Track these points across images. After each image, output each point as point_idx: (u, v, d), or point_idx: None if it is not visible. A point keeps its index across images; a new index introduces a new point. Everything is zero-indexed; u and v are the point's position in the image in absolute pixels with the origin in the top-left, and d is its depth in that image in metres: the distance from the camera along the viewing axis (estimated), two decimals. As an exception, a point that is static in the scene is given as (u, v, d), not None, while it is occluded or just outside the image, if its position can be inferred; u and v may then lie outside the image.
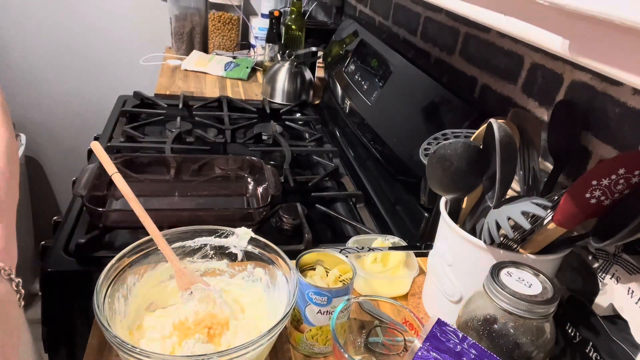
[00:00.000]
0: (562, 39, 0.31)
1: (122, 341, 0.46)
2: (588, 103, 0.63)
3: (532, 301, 0.45)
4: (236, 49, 1.85)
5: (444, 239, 0.63)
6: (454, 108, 0.81)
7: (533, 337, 0.47)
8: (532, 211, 0.51)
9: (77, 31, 1.88)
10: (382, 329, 0.57)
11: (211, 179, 0.94)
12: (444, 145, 0.56)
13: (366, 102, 1.07)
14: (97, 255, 0.71)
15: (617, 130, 0.59)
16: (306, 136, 1.28)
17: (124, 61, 1.95)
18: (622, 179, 0.45)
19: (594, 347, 0.52)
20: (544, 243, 0.54)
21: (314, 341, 0.60)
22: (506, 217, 0.52)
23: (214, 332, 0.56)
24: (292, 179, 0.97)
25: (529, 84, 0.76)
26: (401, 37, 1.23)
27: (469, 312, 0.52)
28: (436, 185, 0.60)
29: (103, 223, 0.75)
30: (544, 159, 0.71)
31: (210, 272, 0.65)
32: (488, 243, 0.55)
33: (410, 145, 0.87)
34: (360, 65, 1.17)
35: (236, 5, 1.78)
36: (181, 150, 1.06)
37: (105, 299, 0.53)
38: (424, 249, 0.79)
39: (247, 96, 1.51)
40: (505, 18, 0.38)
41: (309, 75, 1.48)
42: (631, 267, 0.51)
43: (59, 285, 0.69)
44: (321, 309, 0.57)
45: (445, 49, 1.01)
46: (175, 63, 1.69)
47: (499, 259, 0.54)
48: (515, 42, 0.78)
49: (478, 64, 0.89)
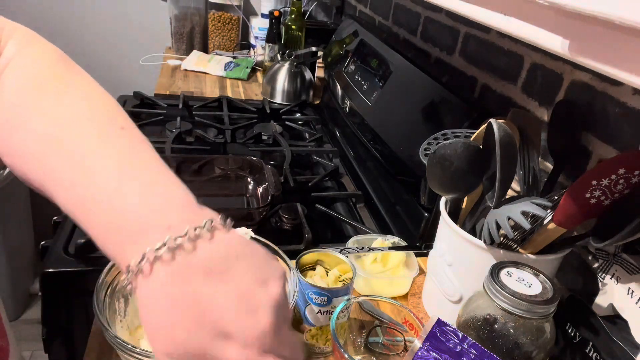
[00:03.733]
0: (562, 39, 0.31)
1: (122, 341, 0.46)
2: (588, 103, 0.63)
3: (532, 301, 0.45)
4: (236, 49, 1.85)
5: (444, 239, 0.63)
6: (454, 108, 0.81)
7: (533, 337, 0.47)
8: (532, 211, 0.51)
9: (77, 31, 1.88)
10: (382, 329, 0.57)
11: (211, 179, 0.94)
12: (444, 145, 0.56)
13: (366, 102, 1.07)
14: (97, 255, 0.71)
15: (617, 130, 0.59)
16: (306, 136, 1.28)
17: (124, 61, 1.95)
18: (622, 179, 0.45)
19: (594, 347, 0.52)
20: (544, 243, 0.54)
21: (314, 341, 0.60)
22: (506, 217, 0.52)
23: (214, 332, 0.56)
24: (292, 179, 0.97)
25: (529, 84, 0.76)
26: (401, 37, 1.23)
27: (469, 312, 0.52)
28: (436, 185, 0.60)
29: (103, 223, 0.75)
30: (544, 159, 0.71)
31: (210, 272, 0.65)
32: (488, 243, 0.55)
33: (410, 145, 0.87)
34: (360, 65, 1.17)
35: (236, 5, 1.78)
36: (181, 150, 1.06)
37: (105, 299, 0.53)
38: (424, 249, 0.79)
39: (247, 96, 1.51)
40: (505, 18, 0.38)
41: (309, 75, 1.48)
42: (631, 267, 0.51)
43: (59, 285, 0.69)
44: (321, 309, 0.57)
45: (445, 49, 1.01)
46: (175, 63, 1.69)
47: (499, 259, 0.54)
48: (515, 42, 0.78)
49: (478, 64, 0.89)
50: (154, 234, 0.29)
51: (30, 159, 0.34)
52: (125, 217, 0.30)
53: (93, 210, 0.31)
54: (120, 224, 0.30)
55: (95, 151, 0.32)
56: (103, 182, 0.31)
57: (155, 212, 0.31)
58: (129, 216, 0.30)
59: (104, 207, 0.31)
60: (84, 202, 0.31)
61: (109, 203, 0.31)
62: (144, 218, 0.30)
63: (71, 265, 0.69)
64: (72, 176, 0.32)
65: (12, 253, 1.61)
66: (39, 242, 0.77)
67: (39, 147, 0.33)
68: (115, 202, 0.31)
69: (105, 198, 0.31)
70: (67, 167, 0.32)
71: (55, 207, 0.34)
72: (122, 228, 0.30)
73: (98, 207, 0.31)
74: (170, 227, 0.30)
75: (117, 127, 0.35)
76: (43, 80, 0.36)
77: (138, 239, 0.30)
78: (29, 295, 1.80)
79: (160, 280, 0.29)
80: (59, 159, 0.32)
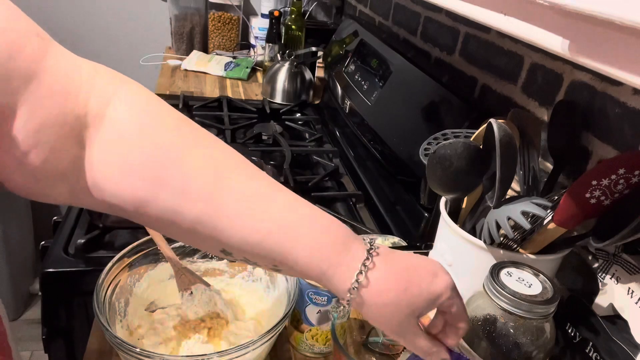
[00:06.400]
0: (562, 39, 0.31)
1: (122, 341, 0.46)
2: (588, 103, 0.63)
3: (532, 301, 0.45)
4: (236, 49, 1.85)
5: (444, 239, 0.63)
6: (454, 108, 0.81)
7: (533, 337, 0.47)
8: (532, 211, 0.51)
9: (77, 31, 1.88)
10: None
11: (211, 179, 0.94)
12: (444, 145, 0.56)
13: (366, 102, 1.07)
14: (97, 255, 0.71)
15: (617, 130, 0.59)
16: (306, 136, 1.28)
17: (124, 61, 1.95)
18: (622, 179, 0.45)
19: (594, 347, 0.52)
20: (544, 243, 0.54)
21: (314, 341, 0.60)
22: (506, 217, 0.52)
23: (214, 332, 0.56)
24: (292, 179, 0.97)
25: (529, 84, 0.76)
26: (401, 37, 1.23)
27: (469, 312, 0.51)
28: (436, 185, 0.60)
29: (103, 223, 0.75)
30: (544, 159, 0.71)
31: (210, 272, 0.65)
32: (488, 243, 0.55)
33: (410, 145, 0.87)
34: (360, 65, 1.17)
35: (236, 5, 1.78)
36: (181, 150, 1.05)
37: (105, 299, 0.53)
38: (424, 249, 0.79)
39: (247, 96, 1.51)
40: (505, 18, 0.38)
41: (309, 75, 1.48)
42: (631, 267, 0.51)
43: (59, 285, 0.69)
44: (321, 309, 0.57)
45: (445, 49, 1.01)
46: (175, 63, 1.69)
47: (499, 259, 0.54)
48: (515, 42, 0.78)
49: (478, 64, 0.89)
50: (357, 246, 0.37)
51: (194, 197, 0.34)
52: (329, 234, 0.37)
53: (297, 232, 0.37)
54: (325, 241, 0.37)
55: (262, 185, 0.38)
56: (296, 209, 0.38)
57: (345, 229, 0.38)
58: (332, 233, 0.37)
59: (306, 229, 0.37)
60: (282, 227, 0.36)
61: (309, 226, 0.37)
62: (343, 234, 0.38)
63: (71, 265, 0.69)
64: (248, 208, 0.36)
65: (12, 253, 1.61)
66: (39, 242, 0.77)
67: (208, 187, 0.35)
68: (315, 224, 0.37)
69: (307, 222, 0.37)
70: (242, 203, 0.36)
71: (55, 207, 0.35)
72: (328, 245, 0.37)
73: (300, 230, 0.37)
74: (360, 240, 0.38)
75: (254, 168, 0.39)
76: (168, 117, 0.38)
77: (344, 250, 0.37)
78: (29, 295, 1.80)
79: (378, 288, 0.37)
80: (229, 195, 0.35)
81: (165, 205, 0.34)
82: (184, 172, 0.34)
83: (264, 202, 0.36)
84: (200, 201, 0.34)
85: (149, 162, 0.34)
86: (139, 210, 0.34)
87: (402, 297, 0.37)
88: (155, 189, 0.34)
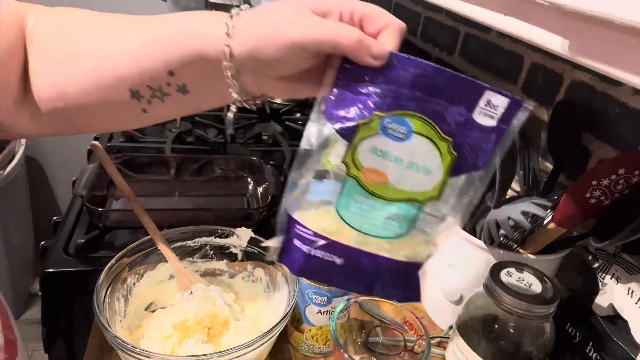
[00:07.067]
0: (562, 39, 0.31)
1: (122, 341, 0.46)
2: (588, 103, 0.63)
3: (532, 301, 0.45)
4: (236, 49, 1.84)
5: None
6: (454, 108, 0.81)
7: (533, 337, 0.47)
8: (532, 211, 0.51)
9: (77, 31, 1.88)
10: (382, 329, 0.57)
11: (211, 179, 0.94)
12: (444, 145, 0.56)
13: (366, 102, 1.07)
14: (97, 255, 0.71)
15: (617, 130, 0.59)
16: (306, 136, 1.28)
17: (124, 61, 1.95)
18: (622, 179, 0.45)
19: (594, 347, 0.52)
20: (544, 243, 0.54)
21: (314, 341, 0.60)
22: (506, 217, 0.52)
23: (214, 332, 0.56)
24: (292, 179, 0.97)
25: (529, 84, 0.76)
26: (401, 37, 1.23)
27: (469, 312, 0.52)
28: (436, 185, 0.60)
29: (103, 223, 0.75)
30: (544, 159, 0.71)
31: (210, 272, 0.65)
32: (488, 243, 0.55)
33: (410, 145, 0.86)
34: (360, 65, 1.17)
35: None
36: (181, 150, 1.06)
37: (105, 299, 0.53)
38: (424, 249, 0.78)
39: (247, 96, 1.51)
40: (505, 18, 0.38)
41: (309, 75, 1.48)
42: (631, 267, 0.51)
43: (59, 285, 0.69)
44: (321, 309, 0.57)
45: (446, 49, 1.01)
46: (175, 63, 1.69)
47: (499, 259, 0.54)
48: (515, 42, 0.78)
49: (478, 64, 0.89)
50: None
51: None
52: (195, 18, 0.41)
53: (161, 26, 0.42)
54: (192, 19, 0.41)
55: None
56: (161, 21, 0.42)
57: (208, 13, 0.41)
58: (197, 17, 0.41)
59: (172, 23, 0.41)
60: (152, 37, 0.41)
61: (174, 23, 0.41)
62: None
63: (71, 265, 0.69)
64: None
65: (12, 253, 1.61)
66: (39, 242, 0.77)
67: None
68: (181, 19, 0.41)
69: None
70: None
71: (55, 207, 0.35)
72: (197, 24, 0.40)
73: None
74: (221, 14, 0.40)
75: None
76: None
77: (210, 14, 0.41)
78: (29, 295, 1.80)
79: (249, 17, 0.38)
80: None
81: (79, 76, 0.39)
82: (82, 49, 0.40)
83: (129, 28, 0.43)
84: (92, 57, 0.39)
85: (58, 55, 0.39)
86: (62, 98, 0.39)
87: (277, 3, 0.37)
88: (63, 69, 0.39)
